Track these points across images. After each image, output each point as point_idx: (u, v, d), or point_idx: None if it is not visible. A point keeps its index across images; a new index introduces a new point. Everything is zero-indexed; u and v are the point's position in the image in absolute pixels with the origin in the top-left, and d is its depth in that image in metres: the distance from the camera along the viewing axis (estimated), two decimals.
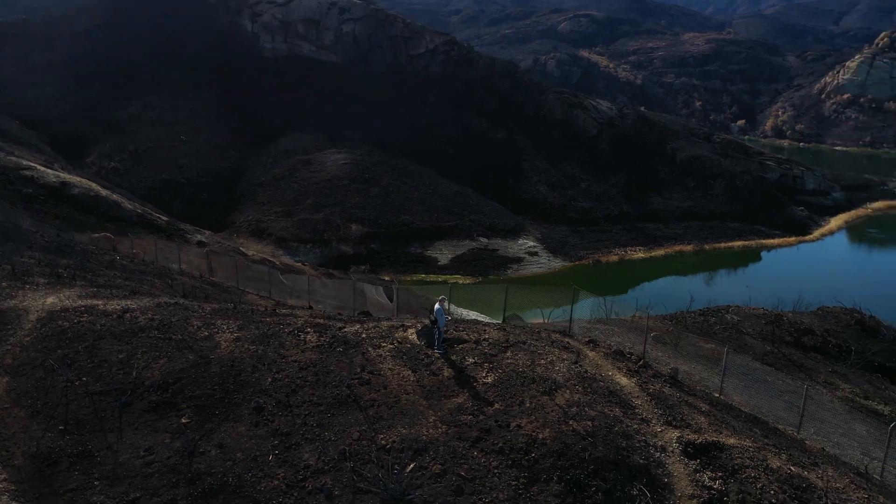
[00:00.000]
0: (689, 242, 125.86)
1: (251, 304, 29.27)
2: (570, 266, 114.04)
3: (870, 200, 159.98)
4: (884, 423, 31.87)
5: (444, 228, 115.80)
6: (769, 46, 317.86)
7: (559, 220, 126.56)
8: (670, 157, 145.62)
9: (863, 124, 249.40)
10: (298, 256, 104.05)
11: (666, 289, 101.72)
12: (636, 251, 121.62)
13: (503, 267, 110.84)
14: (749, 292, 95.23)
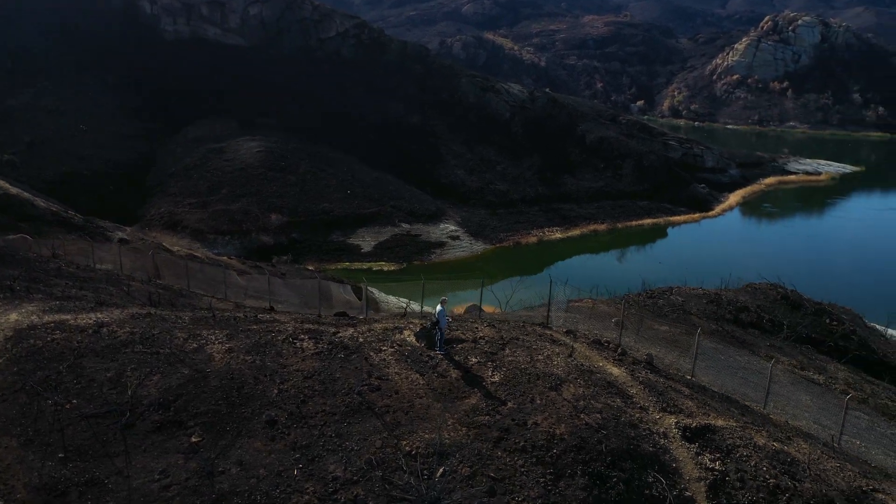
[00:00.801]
0: (602, 221, 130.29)
1: (222, 310, 28.45)
2: (492, 249, 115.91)
3: (762, 176, 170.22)
4: (822, 391, 34.60)
5: (365, 215, 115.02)
6: (664, 29, 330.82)
7: (478, 203, 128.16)
8: (580, 138, 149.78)
9: (751, 104, 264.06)
10: (217, 249, 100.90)
11: (592, 268, 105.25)
12: (554, 232, 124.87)
13: (426, 252, 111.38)
14: (665, 269, 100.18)
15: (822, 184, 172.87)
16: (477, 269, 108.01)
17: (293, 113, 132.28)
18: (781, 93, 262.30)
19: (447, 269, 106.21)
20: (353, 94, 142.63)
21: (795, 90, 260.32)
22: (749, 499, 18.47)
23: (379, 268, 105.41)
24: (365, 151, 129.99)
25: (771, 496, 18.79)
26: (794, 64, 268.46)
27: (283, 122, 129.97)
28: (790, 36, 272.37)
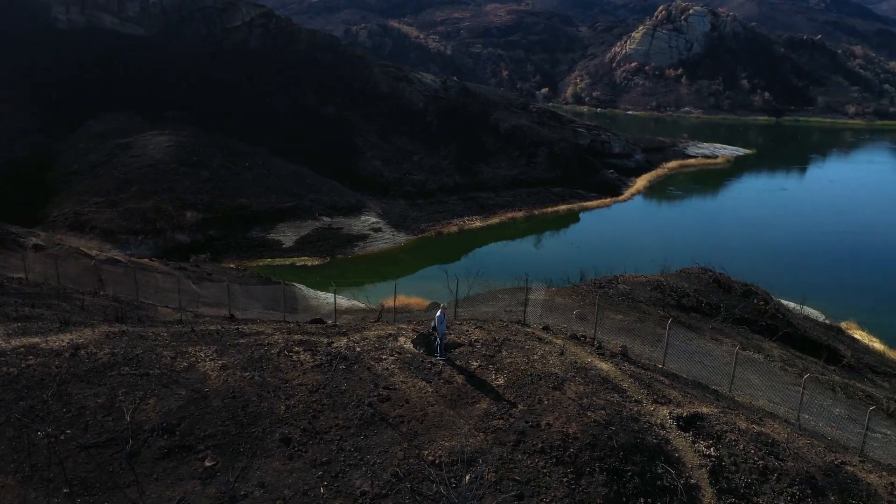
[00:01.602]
0: (519, 209, 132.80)
1: (194, 323, 27.47)
2: (415, 239, 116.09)
3: (665, 161, 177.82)
4: (765, 370, 36.93)
5: (285, 210, 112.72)
6: (564, 17, 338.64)
7: (397, 194, 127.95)
8: (494, 127, 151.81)
9: (649, 90, 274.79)
10: (130, 249, 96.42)
11: (518, 255, 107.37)
12: (473, 220, 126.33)
13: (349, 245, 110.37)
14: (593, 253, 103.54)
15: (719, 166, 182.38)
16: (401, 261, 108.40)
17: (202, 106, 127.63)
18: (676, 79, 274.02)
19: (372, 262, 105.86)
20: (263, 86, 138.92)
21: (689, 77, 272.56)
22: (745, 481, 19.71)
23: (302, 263, 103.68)
24: (279, 144, 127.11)
25: (762, 477, 20.11)
26: (687, 52, 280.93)
27: (193, 116, 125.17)
28: (683, 25, 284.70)
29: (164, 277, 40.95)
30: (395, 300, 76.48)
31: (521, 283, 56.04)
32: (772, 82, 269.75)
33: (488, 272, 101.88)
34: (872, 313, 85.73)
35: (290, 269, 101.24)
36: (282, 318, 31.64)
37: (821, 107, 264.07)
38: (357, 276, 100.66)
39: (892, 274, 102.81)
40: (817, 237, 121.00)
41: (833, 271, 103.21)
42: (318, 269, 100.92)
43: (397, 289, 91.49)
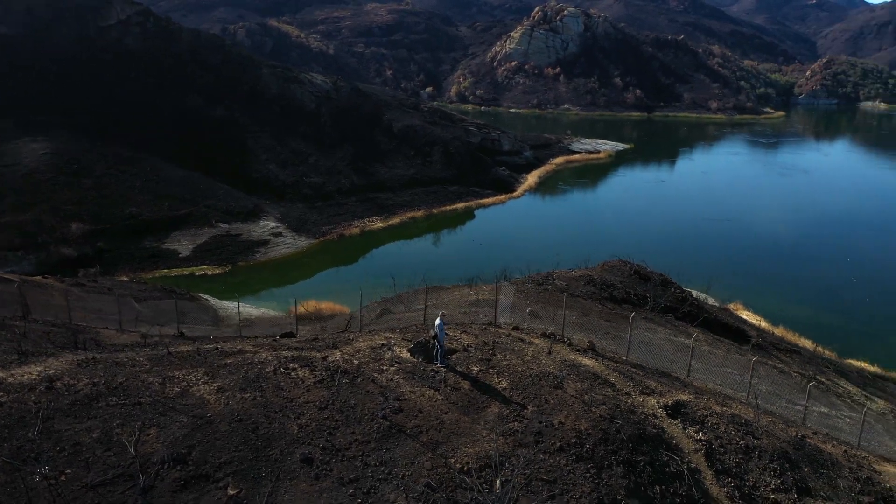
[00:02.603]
0: (418, 208, 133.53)
1: (161, 346, 26.06)
2: (318, 243, 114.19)
3: (552, 157, 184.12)
4: (700, 355, 39.35)
5: (179, 217, 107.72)
6: (444, 17, 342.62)
7: (295, 197, 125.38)
8: (387, 127, 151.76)
9: (529, 89, 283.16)
10: (10, 266, 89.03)
11: (430, 254, 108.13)
12: (374, 222, 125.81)
13: (250, 251, 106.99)
14: (491, 251, 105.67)
15: (602, 161, 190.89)
16: (306, 266, 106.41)
17: (80, 110, 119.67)
18: (555, 78, 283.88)
19: (277, 268, 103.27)
20: (145, 88, 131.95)
21: (567, 75, 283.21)
22: (734, 461, 21.19)
23: (202, 272, 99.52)
24: (168, 149, 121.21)
25: (746, 456, 21.68)
26: (563, 51, 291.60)
27: (69, 121, 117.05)
28: (558, 25, 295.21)
29: (99, 297, 38.28)
30: (308, 305, 75.04)
31: (438, 283, 56.74)
32: (642, 80, 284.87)
33: (396, 273, 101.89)
34: (752, 294, 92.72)
35: (189, 279, 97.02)
36: (208, 333, 30.55)
37: (687, 103, 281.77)
38: (262, 284, 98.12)
39: (763, 257, 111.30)
40: (695, 225, 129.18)
41: (714, 257, 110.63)
42: (221, 278, 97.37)
43: (306, 294, 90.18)
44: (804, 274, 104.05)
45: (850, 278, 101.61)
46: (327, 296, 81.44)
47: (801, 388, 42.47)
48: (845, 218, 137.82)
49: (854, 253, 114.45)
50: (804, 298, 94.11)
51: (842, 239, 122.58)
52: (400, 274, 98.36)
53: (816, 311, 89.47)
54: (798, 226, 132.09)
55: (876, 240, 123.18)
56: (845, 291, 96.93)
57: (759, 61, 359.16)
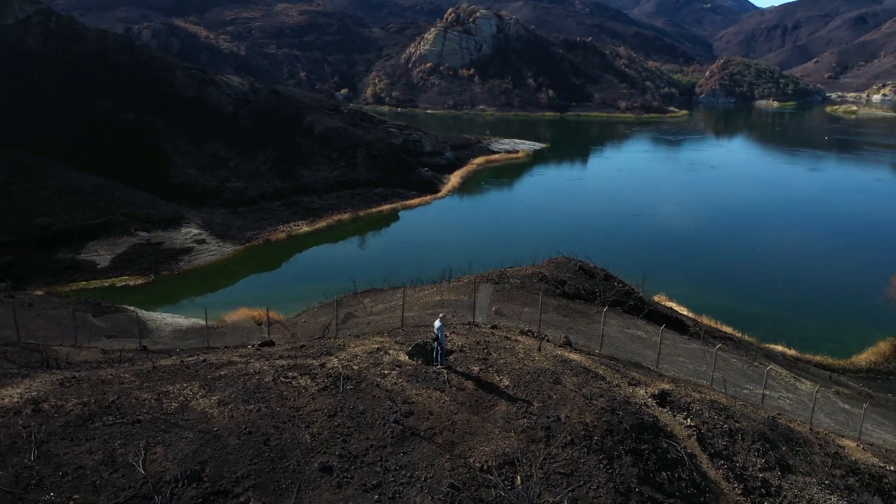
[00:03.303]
0: (345, 211, 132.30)
1: (137, 359, 24.92)
2: (243, 249, 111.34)
3: (472, 157, 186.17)
4: (653, 345, 40.80)
5: (95, 227, 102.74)
6: (356, 18, 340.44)
7: (217, 202, 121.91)
8: (309, 130, 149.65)
9: (445, 90, 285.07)
10: None
11: (363, 257, 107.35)
12: (300, 226, 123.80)
13: (174, 260, 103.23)
14: (423, 251, 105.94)
15: (521, 160, 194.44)
16: (234, 273, 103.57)
17: None
18: (470, 79, 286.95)
19: (203, 276, 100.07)
20: (50, 91, 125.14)
21: (481, 76, 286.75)
22: (722, 444, 22.27)
23: (123, 283, 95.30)
24: (78, 155, 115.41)
25: (731, 439, 22.82)
26: (477, 52, 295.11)
27: None
28: (472, 27, 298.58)
29: (22, 313, 36.01)
30: (240, 313, 73.51)
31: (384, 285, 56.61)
32: (554, 81, 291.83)
33: (328, 277, 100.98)
34: (673, 285, 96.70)
35: (109, 291, 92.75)
36: (206, 344, 29.61)
37: (597, 102, 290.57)
38: (189, 293, 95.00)
39: (681, 250, 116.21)
40: (615, 221, 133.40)
41: (636, 251, 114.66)
42: (144, 289, 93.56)
43: (237, 302, 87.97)
44: (719, 265, 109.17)
45: (762, 267, 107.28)
46: (259, 303, 79.77)
47: (743, 373, 44.75)
48: (750, 210, 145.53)
49: (762, 243, 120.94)
50: (722, 288, 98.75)
51: (750, 230, 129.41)
52: (332, 278, 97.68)
53: (734, 300, 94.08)
54: (709, 219, 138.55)
55: (780, 230, 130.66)
56: (758, 280, 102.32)
57: (662, 62, 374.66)
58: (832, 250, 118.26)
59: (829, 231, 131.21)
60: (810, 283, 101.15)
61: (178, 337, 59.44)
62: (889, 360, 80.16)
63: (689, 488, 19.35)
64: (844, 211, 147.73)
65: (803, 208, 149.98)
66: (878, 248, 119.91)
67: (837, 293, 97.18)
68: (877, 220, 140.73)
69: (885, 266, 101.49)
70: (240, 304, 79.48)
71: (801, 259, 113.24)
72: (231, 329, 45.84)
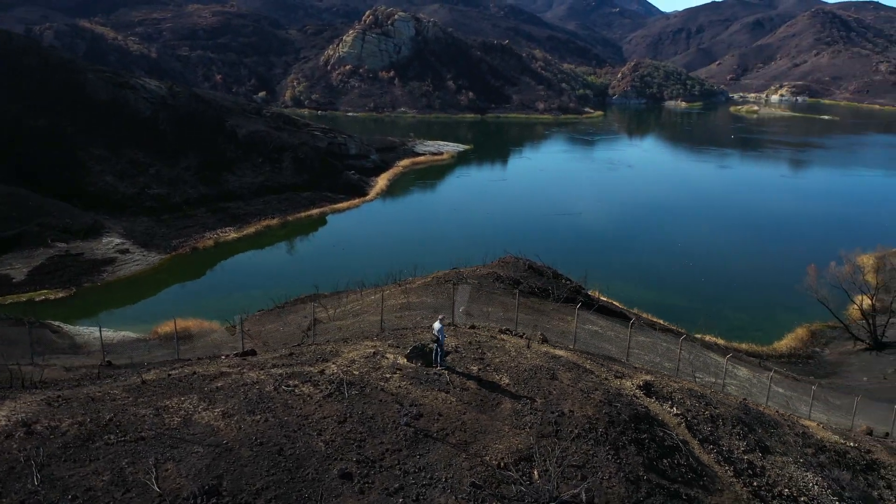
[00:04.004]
0: (273, 216, 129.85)
1: (117, 374, 23.83)
2: (169, 258, 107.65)
3: (397, 159, 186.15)
4: (610, 338, 42.11)
5: (7, 239, 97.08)
6: (272, 20, 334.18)
7: (139, 210, 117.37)
8: (232, 134, 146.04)
9: (365, 92, 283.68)
10: None
11: (293, 262, 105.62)
12: (228, 232, 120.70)
13: (96, 271, 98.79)
14: (359, 254, 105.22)
15: (445, 162, 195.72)
16: (162, 282, 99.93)
17: None
18: (390, 81, 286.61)
19: (129, 287, 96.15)
20: None
21: (401, 79, 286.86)
22: (708, 430, 23.32)
23: (43, 297, 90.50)
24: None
25: (714, 424, 23.93)
26: (396, 55, 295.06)
27: None
28: (390, 29, 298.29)
29: None
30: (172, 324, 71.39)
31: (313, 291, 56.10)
32: (473, 83, 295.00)
33: (263, 283, 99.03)
34: (604, 281, 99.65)
35: (28, 305, 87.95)
36: (176, 356, 28.65)
37: (516, 104, 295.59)
38: (114, 305, 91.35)
39: (608, 246, 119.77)
40: (543, 220, 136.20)
41: (565, 249, 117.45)
42: (66, 302, 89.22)
43: (167, 312, 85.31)
44: (644, 260, 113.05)
45: (685, 262, 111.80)
46: (190, 313, 77.52)
47: (690, 363, 46.58)
48: (668, 207, 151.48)
49: (682, 239, 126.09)
50: (649, 282, 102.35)
51: (670, 226, 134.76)
52: (265, 285, 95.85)
53: (662, 294, 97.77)
54: (632, 216, 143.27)
55: (697, 226, 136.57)
56: (682, 274, 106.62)
57: (576, 64, 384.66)
58: (748, 244, 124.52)
59: (743, 226, 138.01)
60: (730, 275, 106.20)
61: (111, 350, 57.09)
62: (807, 345, 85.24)
63: (688, 473, 20.21)
64: (754, 206, 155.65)
65: (716, 204, 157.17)
66: (791, 240, 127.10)
67: (757, 284, 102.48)
68: (786, 214, 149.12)
69: (798, 257, 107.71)
70: (173, 315, 77.03)
71: (719, 253, 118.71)
72: (197, 340, 44.41)
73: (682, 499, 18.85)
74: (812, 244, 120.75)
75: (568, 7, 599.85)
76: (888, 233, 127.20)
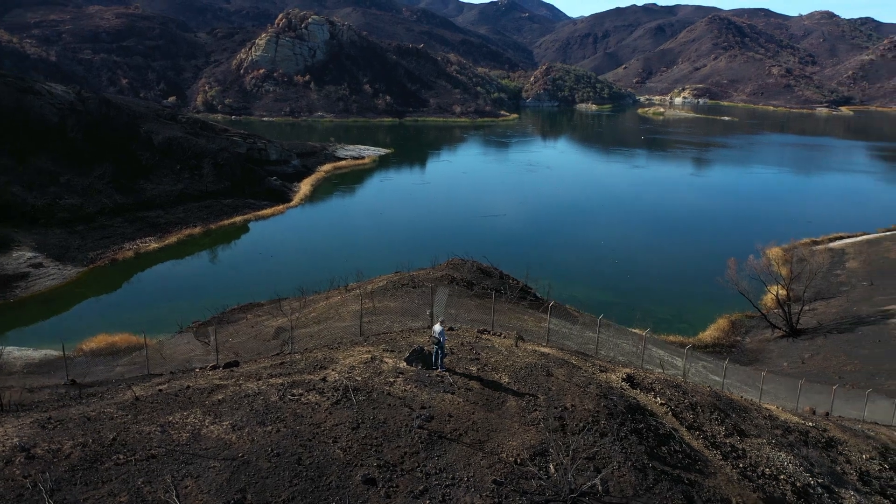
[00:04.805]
0: (195, 225, 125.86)
1: (103, 391, 22.72)
2: (87, 271, 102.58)
3: (319, 164, 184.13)
4: (571, 333, 43.20)
5: None
6: (179, 23, 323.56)
7: (51, 222, 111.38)
8: (147, 140, 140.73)
9: (281, 96, 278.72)
10: None
11: (220, 274, 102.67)
12: (148, 242, 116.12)
13: (7, 288, 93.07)
14: (292, 261, 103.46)
15: (367, 166, 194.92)
16: (81, 296, 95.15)
17: None
18: (306, 85, 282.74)
19: (45, 303, 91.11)
20: None
21: (317, 83, 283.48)
22: (691, 417, 24.46)
23: None
24: None
25: (694, 411, 25.10)
26: (311, 59, 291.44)
27: None
28: (304, 33, 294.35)
29: None
30: (98, 340, 68.95)
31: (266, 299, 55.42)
32: (390, 87, 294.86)
33: (189, 294, 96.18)
34: (532, 279, 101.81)
35: None
36: (147, 372, 27.61)
37: (433, 107, 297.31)
38: (29, 322, 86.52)
39: (532, 246, 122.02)
40: (468, 222, 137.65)
41: (494, 249, 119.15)
42: None
43: (93, 327, 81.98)
44: (571, 258, 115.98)
45: (610, 259, 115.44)
46: (115, 327, 74.50)
47: (637, 355, 48.29)
48: (588, 207, 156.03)
49: (604, 237, 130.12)
50: (578, 280, 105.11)
51: (592, 225, 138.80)
52: (193, 295, 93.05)
53: (590, 290, 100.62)
54: (554, 216, 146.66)
55: (617, 224, 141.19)
56: (608, 271, 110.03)
57: (490, 68, 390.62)
58: (666, 241, 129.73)
59: (660, 224, 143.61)
60: (654, 271, 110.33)
61: (32, 371, 54.23)
62: (729, 335, 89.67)
63: (684, 459, 21.16)
64: (669, 204, 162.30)
65: (633, 204, 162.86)
66: (706, 236, 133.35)
67: (678, 279, 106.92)
68: (699, 212, 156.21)
69: (715, 252, 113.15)
70: (96, 331, 73.92)
71: (640, 250, 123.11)
72: (166, 353, 42.72)
73: (685, 483, 19.75)
74: (727, 239, 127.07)
75: (479, 12, 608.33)
76: (797, 226, 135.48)
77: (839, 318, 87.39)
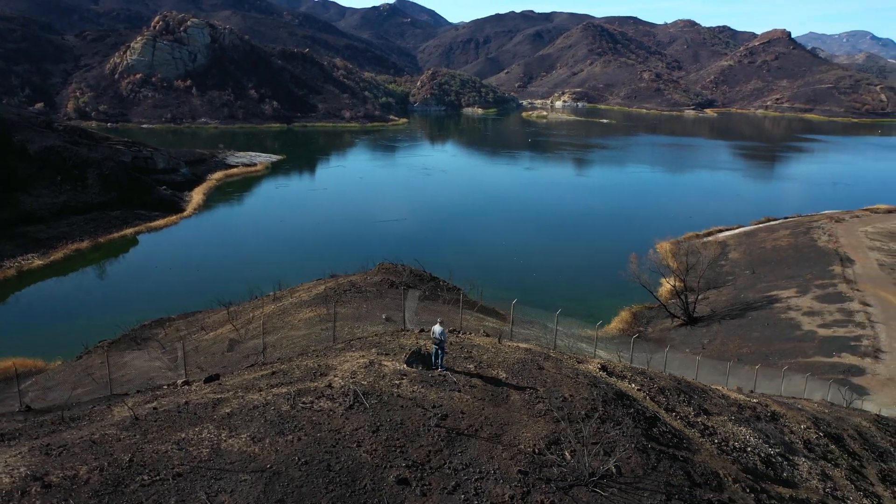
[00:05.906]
0: (81, 239, 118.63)
1: (97, 414, 21.34)
2: None
3: (209, 172, 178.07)
4: None
5: None
6: (44, 24, 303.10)
7: None
8: (22, 150, 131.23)
9: (161, 102, 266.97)
10: None
11: (116, 289, 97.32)
12: (31, 260, 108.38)
13: None
14: (187, 275, 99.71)
15: (260, 173, 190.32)
16: None
17: None
18: (187, 91, 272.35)
19: None
20: None
21: (199, 88, 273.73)
22: (664, 400, 26.11)
23: None
24: None
25: (664, 395, 26.80)
26: (192, 63, 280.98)
27: None
28: (183, 36, 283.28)
29: None
30: None
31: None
32: (276, 92, 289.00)
33: (86, 312, 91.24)
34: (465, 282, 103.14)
35: None
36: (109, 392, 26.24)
37: (322, 113, 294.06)
38: None
39: (438, 248, 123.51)
40: (373, 227, 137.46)
41: (404, 254, 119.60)
42: None
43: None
44: (475, 259, 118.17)
45: (513, 258, 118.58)
46: (8, 351, 69.58)
47: (569, 347, 50.23)
48: (484, 209, 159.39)
49: (504, 237, 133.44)
50: (485, 279, 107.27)
51: (492, 226, 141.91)
52: (87, 313, 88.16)
53: (498, 290, 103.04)
54: (455, 218, 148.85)
55: (516, 225, 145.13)
56: (512, 270, 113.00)
57: (376, 73, 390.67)
58: (563, 239, 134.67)
59: (555, 222, 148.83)
60: (555, 268, 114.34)
61: None
62: (632, 326, 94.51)
63: (673, 439, 22.62)
64: (560, 204, 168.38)
65: (526, 204, 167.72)
66: (602, 232, 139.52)
67: (579, 275, 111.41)
68: (591, 210, 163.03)
69: (612, 248, 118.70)
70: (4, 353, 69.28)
71: (541, 249, 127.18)
72: (129, 372, 40.18)
73: (681, 461, 21.19)
74: (619, 236, 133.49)
75: (361, 17, 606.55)
76: (680, 220, 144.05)
77: (730, 305, 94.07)
